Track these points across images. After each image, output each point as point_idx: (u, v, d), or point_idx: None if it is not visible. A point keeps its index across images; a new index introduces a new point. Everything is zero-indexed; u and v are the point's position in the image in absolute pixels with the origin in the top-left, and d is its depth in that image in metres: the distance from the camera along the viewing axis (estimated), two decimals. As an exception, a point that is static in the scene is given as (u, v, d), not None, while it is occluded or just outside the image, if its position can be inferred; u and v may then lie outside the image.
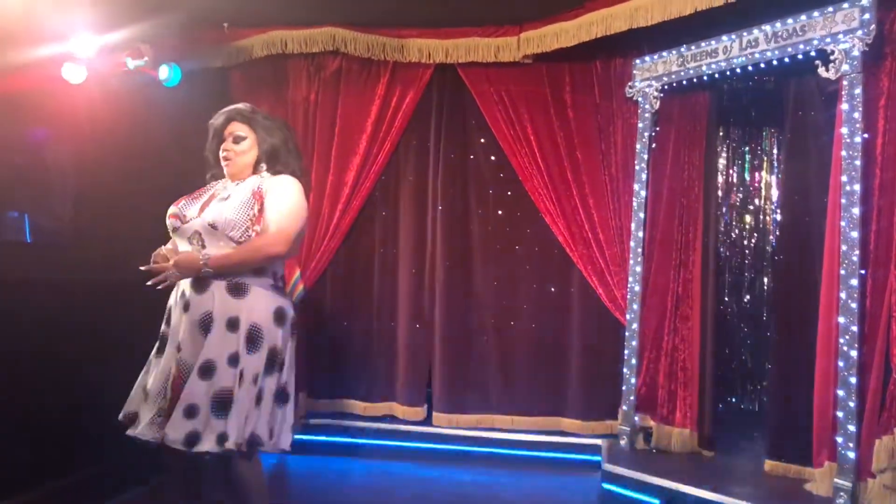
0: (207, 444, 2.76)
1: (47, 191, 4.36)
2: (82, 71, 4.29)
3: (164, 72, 4.66)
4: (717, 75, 4.56)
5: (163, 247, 2.99)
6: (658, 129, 4.94)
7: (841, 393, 3.80)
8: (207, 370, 2.80)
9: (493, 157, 5.47)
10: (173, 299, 3.00)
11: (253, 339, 2.87)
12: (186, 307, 2.89)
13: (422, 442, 5.33)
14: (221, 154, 3.09)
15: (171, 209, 3.01)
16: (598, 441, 5.06)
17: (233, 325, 2.85)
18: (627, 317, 4.94)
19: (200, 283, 2.87)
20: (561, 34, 4.96)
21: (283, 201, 2.97)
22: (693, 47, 4.62)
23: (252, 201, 2.93)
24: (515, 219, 5.45)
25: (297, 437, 5.31)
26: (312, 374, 5.46)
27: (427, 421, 5.45)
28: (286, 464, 5.10)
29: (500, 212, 5.48)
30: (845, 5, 3.87)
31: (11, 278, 3.83)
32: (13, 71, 3.88)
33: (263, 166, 3.13)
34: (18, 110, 3.94)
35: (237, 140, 3.09)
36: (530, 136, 5.27)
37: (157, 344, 3.06)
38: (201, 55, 5.29)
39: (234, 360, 2.83)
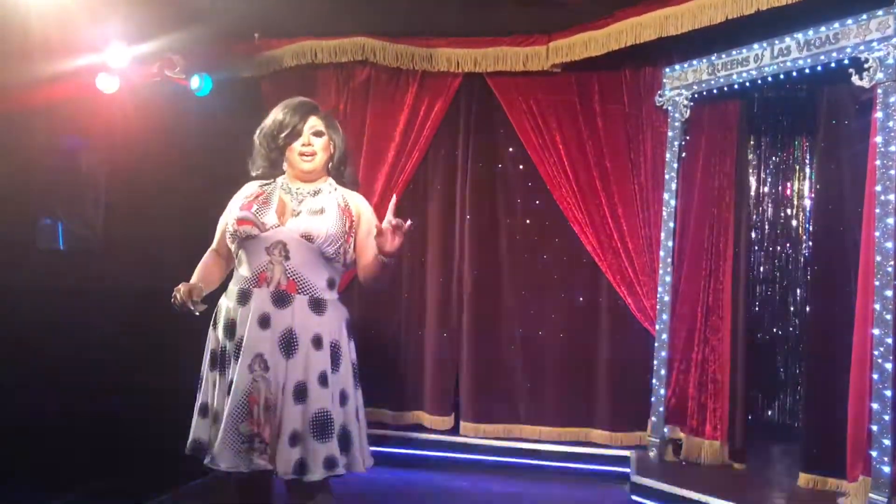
0: (317, 472, 2.61)
1: (80, 199, 4.42)
2: (115, 81, 4.35)
3: (195, 82, 4.71)
4: (748, 84, 4.52)
5: (182, 285, 2.72)
6: (688, 137, 4.90)
7: (876, 406, 3.73)
8: (301, 393, 2.64)
9: (521, 167, 5.46)
10: (234, 311, 2.72)
11: (335, 356, 2.76)
12: (265, 322, 2.66)
13: (449, 451, 5.31)
14: (301, 149, 2.81)
15: (243, 214, 2.73)
16: (627, 453, 5.01)
17: (318, 342, 2.70)
18: (657, 327, 4.89)
19: (282, 298, 2.67)
20: (590, 43, 4.94)
21: (368, 224, 2.82)
22: (724, 55, 4.59)
23: (343, 217, 2.79)
24: (543, 228, 5.42)
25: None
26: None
27: (454, 430, 5.43)
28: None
29: (528, 221, 5.46)
30: (879, 13, 3.82)
31: (44, 285, 3.88)
32: (49, 81, 3.94)
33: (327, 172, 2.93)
34: (53, 120, 4.01)
35: (318, 135, 2.85)
36: (559, 145, 5.25)
37: (207, 358, 2.84)
38: (232, 65, 5.34)
39: (323, 379, 2.68)
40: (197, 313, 2.66)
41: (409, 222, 2.66)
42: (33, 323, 3.76)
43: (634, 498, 4.45)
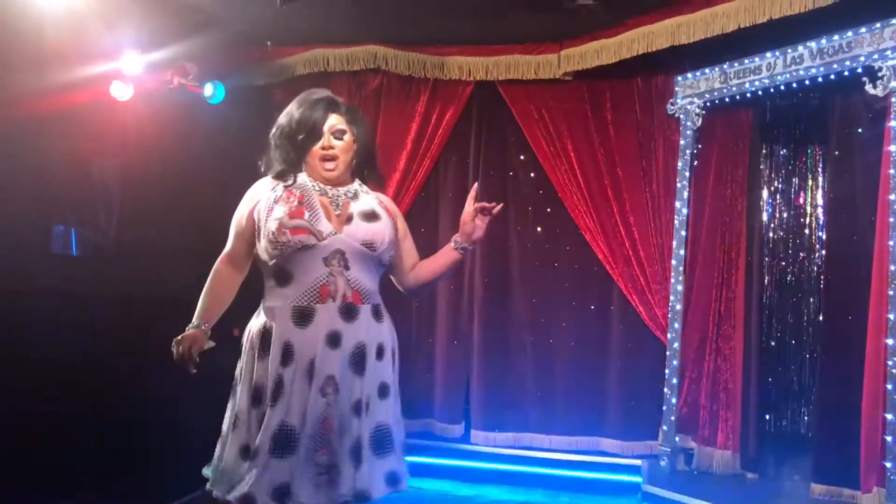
0: (379, 488, 2.44)
1: (93, 205, 4.44)
2: (130, 89, 4.38)
3: (208, 89, 4.74)
4: (760, 92, 4.51)
5: (183, 337, 2.54)
6: (700, 146, 4.89)
7: (890, 416, 3.70)
8: (362, 407, 2.43)
9: (532, 175, 5.46)
10: (289, 333, 2.41)
11: (394, 365, 2.59)
12: (335, 340, 2.40)
13: (459, 459, 5.30)
14: (322, 152, 2.52)
15: (297, 223, 2.40)
16: (638, 462, 4.98)
17: (381, 352, 2.51)
18: (668, 336, 4.88)
19: (350, 311, 2.43)
20: (602, 51, 4.95)
21: (407, 226, 2.73)
22: (736, 64, 4.58)
23: (391, 221, 2.59)
24: (555, 236, 5.42)
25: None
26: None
27: (465, 438, 5.43)
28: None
29: (539, 229, 5.46)
30: (893, 21, 3.81)
31: (57, 290, 3.90)
32: (63, 89, 3.97)
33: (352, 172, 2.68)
34: (67, 127, 4.03)
35: (339, 135, 2.56)
36: (570, 153, 5.25)
37: (246, 393, 2.50)
38: (245, 73, 5.36)
39: (384, 390, 2.52)
40: (193, 371, 2.46)
41: (498, 205, 2.58)
42: (46, 327, 3.77)
43: (645, 507, 4.43)
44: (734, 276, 4.74)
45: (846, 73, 4.05)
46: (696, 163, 4.89)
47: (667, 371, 4.85)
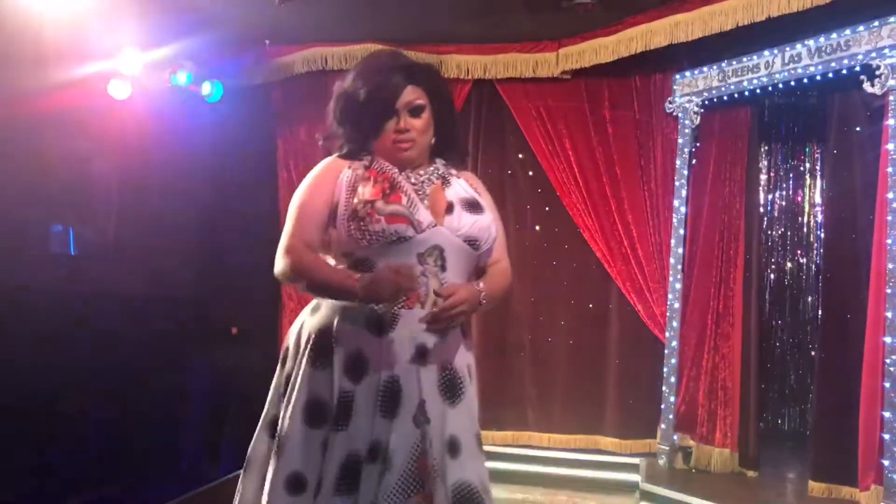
0: None
1: (91, 204, 4.44)
2: (127, 87, 4.38)
3: (206, 88, 4.74)
4: (758, 90, 4.51)
5: (389, 270, 1.95)
6: (698, 144, 4.89)
7: (888, 415, 3.71)
8: (455, 447, 1.98)
9: (530, 173, 5.46)
10: (362, 340, 2.00)
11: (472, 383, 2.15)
12: (422, 356, 1.99)
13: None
14: (394, 136, 2.08)
15: (393, 208, 2.00)
16: (636, 460, 4.98)
17: (470, 374, 2.11)
18: (667, 334, 4.88)
19: None
20: (600, 50, 4.94)
21: (497, 215, 2.24)
22: (734, 62, 4.58)
23: (490, 212, 2.18)
24: (553, 234, 5.41)
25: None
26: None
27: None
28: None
29: (537, 227, 5.46)
30: (891, 19, 3.81)
31: (55, 290, 3.90)
32: (61, 87, 3.97)
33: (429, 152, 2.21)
34: (65, 125, 4.03)
35: (416, 112, 2.09)
36: (569, 152, 5.25)
37: (299, 408, 2.03)
38: (243, 72, 5.36)
39: (475, 430, 2.08)
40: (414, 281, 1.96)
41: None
42: (43, 327, 3.77)
43: (644, 506, 4.43)
44: (732, 274, 4.74)
45: (844, 72, 4.05)
46: (694, 161, 4.89)
47: (665, 369, 4.85)
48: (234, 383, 4.95)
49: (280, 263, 2.08)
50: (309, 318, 2.12)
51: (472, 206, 2.13)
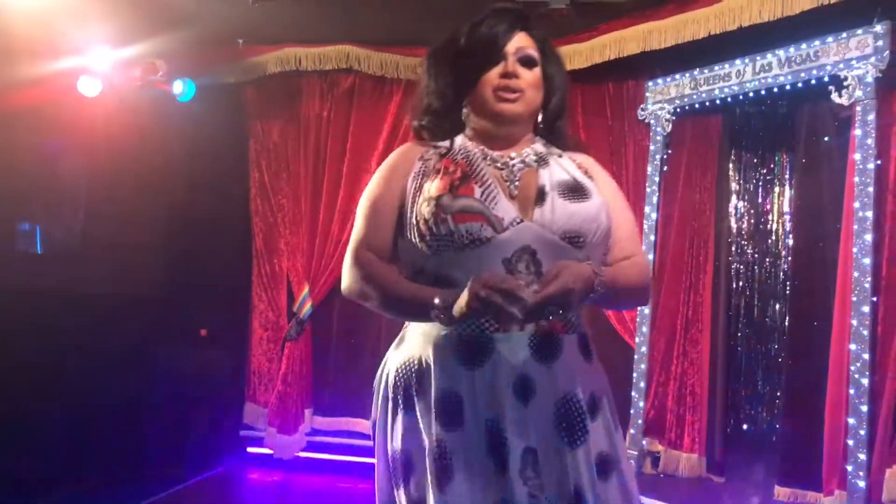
0: None
1: (59, 202, 4.38)
2: (97, 84, 4.33)
3: (178, 87, 4.70)
4: (729, 99, 4.56)
5: (457, 298, 1.55)
6: (670, 151, 4.93)
7: (852, 421, 3.76)
8: (578, 497, 1.60)
9: (504, 177, 5.46)
10: (454, 377, 1.63)
11: (615, 426, 1.76)
12: (526, 391, 1.61)
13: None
14: (502, 80, 1.71)
15: (463, 203, 1.63)
16: (605, 464, 4.99)
17: (594, 408, 1.69)
18: (636, 340, 4.90)
19: (548, 346, 1.64)
20: (573, 56, 4.96)
21: (625, 204, 1.88)
22: (706, 71, 4.62)
23: (603, 199, 1.76)
24: (525, 239, 5.41)
25: (300, 454, 5.32)
26: (319, 391, 5.45)
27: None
28: (289, 483, 5.08)
29: (510, 231, 5.46)
30: (859, 31, 3.87)
31: (23, 288, 3.85)
32: (30, 83, 3.92)
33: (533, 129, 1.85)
34: (34, 122, 3.98)
35: (529, 62, 1.74)
36: (542, 157, 5.26)
37: (399, 465, 1.68)
38: (215, 71, 5.32)
39: (606, 467, 1.67)
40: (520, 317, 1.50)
41: None
42: (9, 325, 3.72)
43: (612, 510, 4.44)
44: (702, 280, 4.78)
45: (813, 82, 4.10)
46: (665, 168, 4.92)
47: (634, 374, 4.88)
48: (201, 386, 4.91)
49: (346, 277, 1.72)
50: (393, 355, 1.75)
51: (573, 191, 1.69)
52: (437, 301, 1.56)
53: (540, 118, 1.81)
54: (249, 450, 5.45)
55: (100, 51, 4.31)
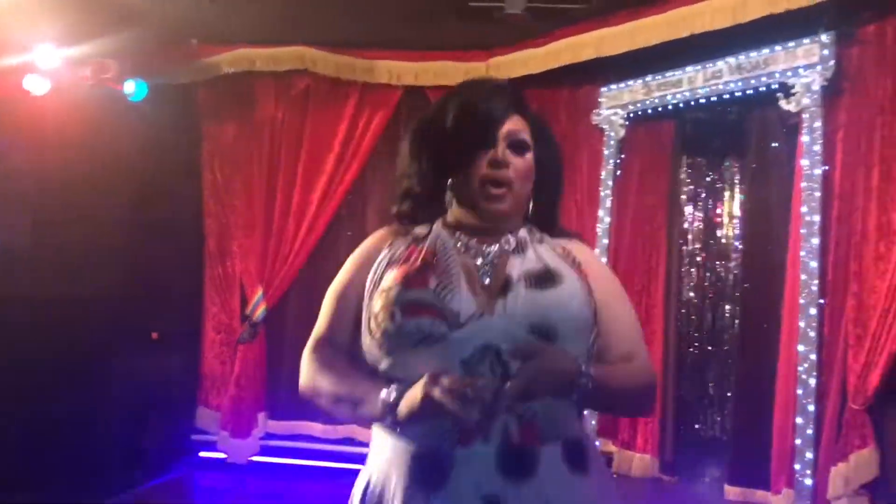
0: None
1: (6, 204, 4.28)
2: (45, 83, 4.24)
3: (129, 86, 4.62)
4: (681, 104, 4.63)
5: (430, 382, 1.35)
6: (623, 156, 4.99)
7: (799, 420, 3.84)
8: None
9: (460, 181, 5.47)
10: (410, 498, 1.40)
11: None
12: None
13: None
14: (490, 171, 1.52)
15: (413, 296, 1.45)
16: (560, 466, 5.03)
17: None
18: (590, 342, 4.94)
19: (520, 460, 1.38)
20: (529, 61, 5.00)
21: (622, 294, 1.64)
22: (658, 77, 4.69)
23: (584, 285, 1.53)
24: (480, 242, 5.43)
25: (254, 458, 5.27)
26: (272, 394, 5.40)
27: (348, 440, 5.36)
28: (243, 485, 5.03)
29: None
30: (806, 41, 3.96)
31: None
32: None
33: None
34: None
35: (520, 148, 1.55)
36: (497, 160, 5.28)
37: None
38: (168, 71, 5.24)
39: None
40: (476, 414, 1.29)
41: None
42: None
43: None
44: (654, 283, 4.84)
45: (762, 89, 4.19)
46: (619, 173, 4.98)
47: (589, 376, 4.91)
48: (153, 390, 4.84)
49: (301, 373, 1.60)
50: (362, 470, 1.55)
51: (542, 278, 1.48)
52: (382, 397, 1.39)
53: (530, 206, 1.62)
54: (202, 454, 5.38)
55: (47, 48, 4.22)
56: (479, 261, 1.53)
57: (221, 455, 5.30)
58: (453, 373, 1.34)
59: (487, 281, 1.50)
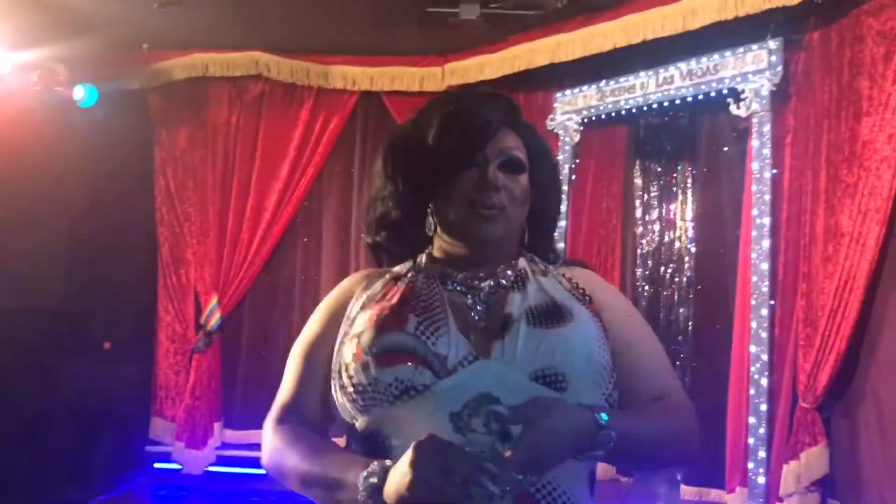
0: None
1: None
2: (-9, 88, 4.15)
3: (79, 92, 4.54)
4: (634, 110, 4.69)
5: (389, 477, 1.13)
6: (578, 161, 5.03)
7: (752, 420, 3.91)
8: None
9: (416, 186, 5.47)
10: None
11: None
12: None
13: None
14: (475, 196, 1.31)
15: (390, 341, 1.24)
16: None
17: None
18: (548, 345, 4.97)
19: None
20: (485, 66, 5.03)
21: (645, 327, 1.44)
22: (612, 82, 4.74)
23: (598, 322, 1.33)
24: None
25: (210, 468, 5.20)
26: (228, 403, 5.34)
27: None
28: (199, 496, 4.96)
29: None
30: (755, 47, 4.04)
31: None
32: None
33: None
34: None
35: (514, 167, 1.35)
36: (453, 166, 5.29)
37: None
38: (119, 76, 5.16)
39: None
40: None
41: None
42: None
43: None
44: (609, 286, 4.89)
45: (713, 94, 4.27)
46: (574, 177, 5.03)
47: (546, 380, 4.95)
48: (105, 401, 4.75)
49: (263, 445, 1.35)
50: None
51: (548, 315, 1.26)
52: (360, 480, 1.14)
53: (526, 234, 1.41)
54: (157, 466, 5.30)
55: (-6, 53, 4.14)
56: (471, 299, 1.31)
57: (176, 466, 5.22)
58: (441, 430, 1.12)
59: (482, 321, 1.27)
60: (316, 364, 1.36)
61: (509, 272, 1.34)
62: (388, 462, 1.14)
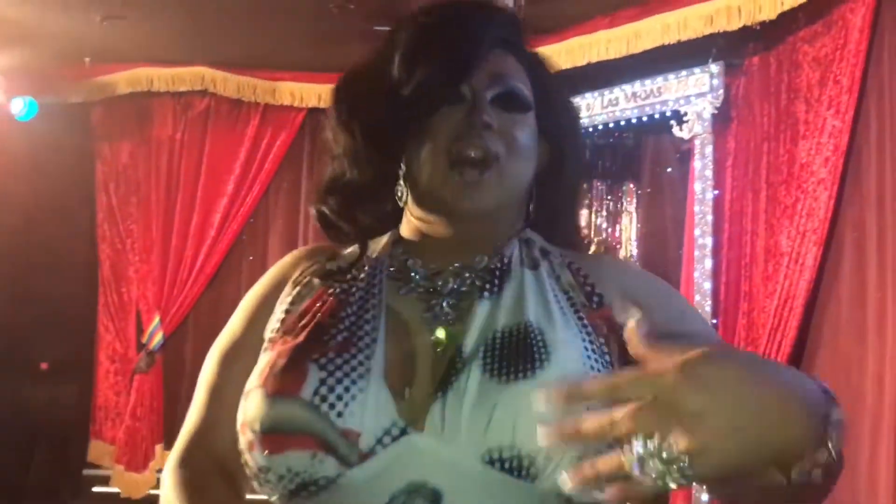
0: None
1: None
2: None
3: (17, 105, 4.45)
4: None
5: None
6: (525, 180, 5.07)
7: (696, 437, 3.95)
8: None
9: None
10: None
11: None
12: None
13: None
14: (463, 145, 0.89)
15: (278, 412, 0.82)
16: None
17: None
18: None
19: None
20: (432, 84, 5.05)
21: (696, 314, 1.20)
22: (558, 103, 4.79)
23: (593, 333, 0.90)
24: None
25: (152, 491, 5.08)
26: (170, 425, 5.23)
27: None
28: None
29: (370, 258, 5.46)
30: (697, 70, 4.13)
31: None
32: None
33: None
34: None
35: (512, 102, 0.95)
36: (402, 184, 5.30)
37: None
38: (60, 90, 5.06)
39: None
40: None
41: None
42: None
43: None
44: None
45: (657, 116, 4.34)
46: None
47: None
48: (42, 423, 4.62)
49: (161, 494, 0.99)
50: None
51: (513, 355, 0.84)
52: None
53: (531, 205, 1.01)
54: (95, 490, 5.16)
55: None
56: (432, 310, 0.90)
57: (116, 490, 5.08)
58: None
59: (435, 354, 0.87)
60: (233, 376, 0.95)
61: (490, 264, 0.93)
62: None
